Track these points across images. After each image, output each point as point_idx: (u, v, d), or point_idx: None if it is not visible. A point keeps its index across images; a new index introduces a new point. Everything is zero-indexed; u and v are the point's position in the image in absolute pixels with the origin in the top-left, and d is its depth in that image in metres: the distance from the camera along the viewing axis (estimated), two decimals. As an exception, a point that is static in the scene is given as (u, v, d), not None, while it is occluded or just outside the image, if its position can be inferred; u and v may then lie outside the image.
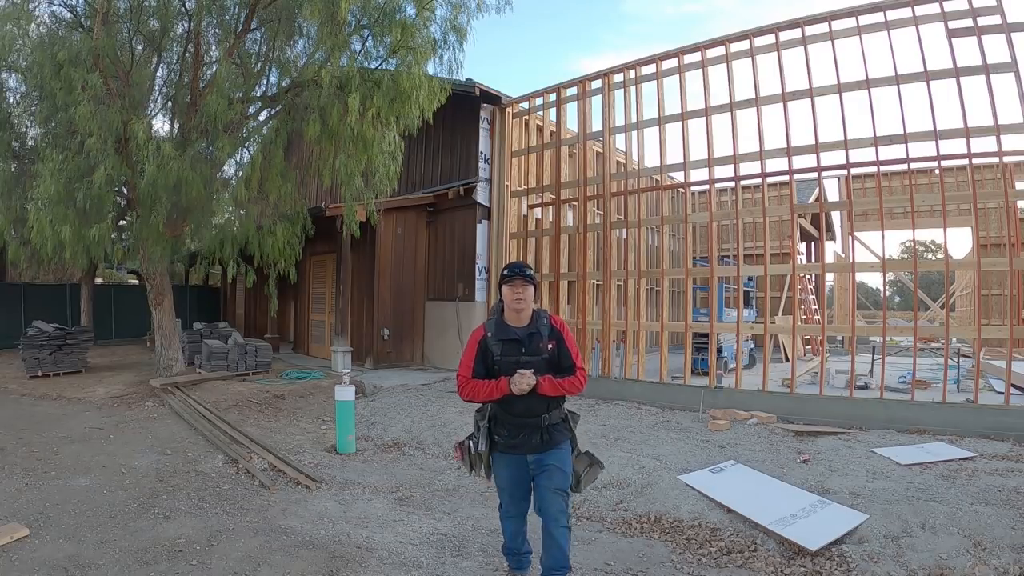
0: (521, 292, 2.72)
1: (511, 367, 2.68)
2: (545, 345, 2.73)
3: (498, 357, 2.73)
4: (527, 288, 2.73)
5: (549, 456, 2.74)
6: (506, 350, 2.73)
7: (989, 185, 11.29)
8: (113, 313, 15.68)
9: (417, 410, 7.07)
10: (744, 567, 3.29)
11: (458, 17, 8.24)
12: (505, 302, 2.78)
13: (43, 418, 6.70)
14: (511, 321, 2.77)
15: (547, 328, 2.76)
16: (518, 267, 2.77)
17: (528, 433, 2.72)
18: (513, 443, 2.75)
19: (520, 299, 2.72)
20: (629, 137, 8.52)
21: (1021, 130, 5.94)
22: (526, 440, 2.73)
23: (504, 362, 2.71)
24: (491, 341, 2.75)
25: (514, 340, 2.74)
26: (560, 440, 2.77)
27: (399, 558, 3.35)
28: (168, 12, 8.10)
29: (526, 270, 2.76)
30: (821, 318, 12.30)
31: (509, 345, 2.73)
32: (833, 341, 15.22)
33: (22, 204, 8.31)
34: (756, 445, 5.56)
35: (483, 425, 2.83)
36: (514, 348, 2.73)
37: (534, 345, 2.73)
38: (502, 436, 2.78)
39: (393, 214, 10.63)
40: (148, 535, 3.58)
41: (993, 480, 4.27)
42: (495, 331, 2.76)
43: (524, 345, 2.72)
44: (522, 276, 2.72)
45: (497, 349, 2.73)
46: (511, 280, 2.73)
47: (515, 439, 2.74)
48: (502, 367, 2.71)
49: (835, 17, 6.79)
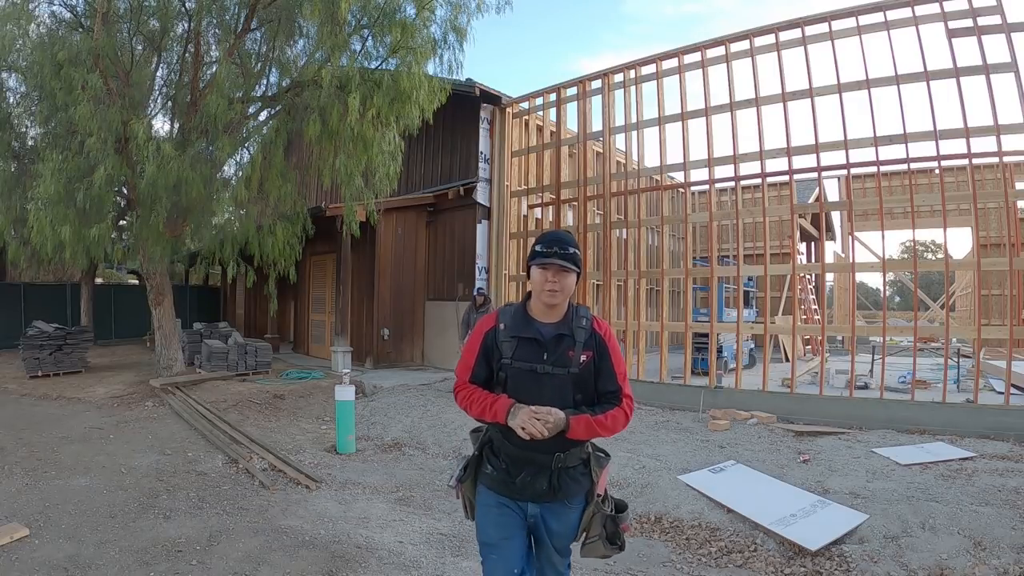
0: (557, 279, 1.87)
1: (523, 379, 1.90)
2: (577, 355, 1.90)
3: (507, 360, 1.92)
4: (567, 276, 1.88)
5: (555, 516, 1.96)
6: (521, 353, 1.92)
7: (989, 185, 11.29)
8: (113, 313, 15.68)
9: (417, 410, 7.07)
10: (744, 567, 3.29)
11: (458, 17, 8.25)
12: (533, 289, 1.95)
13: (43, 418, 6.70)
14: (537, 315, 1.96)
15: (586, 332, 1.93)
16: (559, 240, 1.88)
17: (531, 473, 1.91)
18: (508, 481, 1.94)
19: (555, 288, 1.88)
20: (629, 137, 8.52)
21: (1021, 130, 5.94)
22: (527, 483, 1.92)
23: (515, 370, 1.91)
24: (502, 336, 1.95)
25: (534, 341, 1.92)
26: (575, 491, 1.95)
27: (399, 558, 3.35)
28: (168, 12, 8.10)
29: (569, 246, 1.87)
30: (821, 318, 12.30)
31: (526, 346, 1.92)
32: (833, 341, 15.22)
33: (22, 204, 8.31)
34: (756, 445, 5.56)
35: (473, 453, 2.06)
36: (532, 352, 1.92)
37: (561, 352, 1.90)
38: (495, 467, 1.97)
39: (393, 214, 10.63)
40: (148, 535, 3.58)
41: (993, 480, 4.27)
42: (511, 324, 1.96)
43: (547, 350, 1.91)
44: (562, 256, 1.85)
45: (508, 349, 1.93)
46: (546, 259, 1.86)
47: (512, 477, 1.93)
48: (511, 376, 1.92)
49: (835, 17, 6.79)
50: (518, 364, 1.92)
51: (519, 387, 1.92)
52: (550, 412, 1.81)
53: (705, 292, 11.18)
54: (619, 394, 1.95)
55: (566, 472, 1.93)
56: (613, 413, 1.90)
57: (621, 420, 1.93)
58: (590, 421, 1.86)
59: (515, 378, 1.93)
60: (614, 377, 1.95)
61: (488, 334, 2.00)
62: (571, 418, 1.84)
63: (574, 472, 1.95)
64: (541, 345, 1.93)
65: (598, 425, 1.87)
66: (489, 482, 2.00)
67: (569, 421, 1.83)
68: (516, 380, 1.92)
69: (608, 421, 1.89)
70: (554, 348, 1.93)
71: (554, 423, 1.81)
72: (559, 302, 1.93)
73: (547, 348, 1.93)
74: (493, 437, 2.01)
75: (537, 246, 1.92)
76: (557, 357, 1.91)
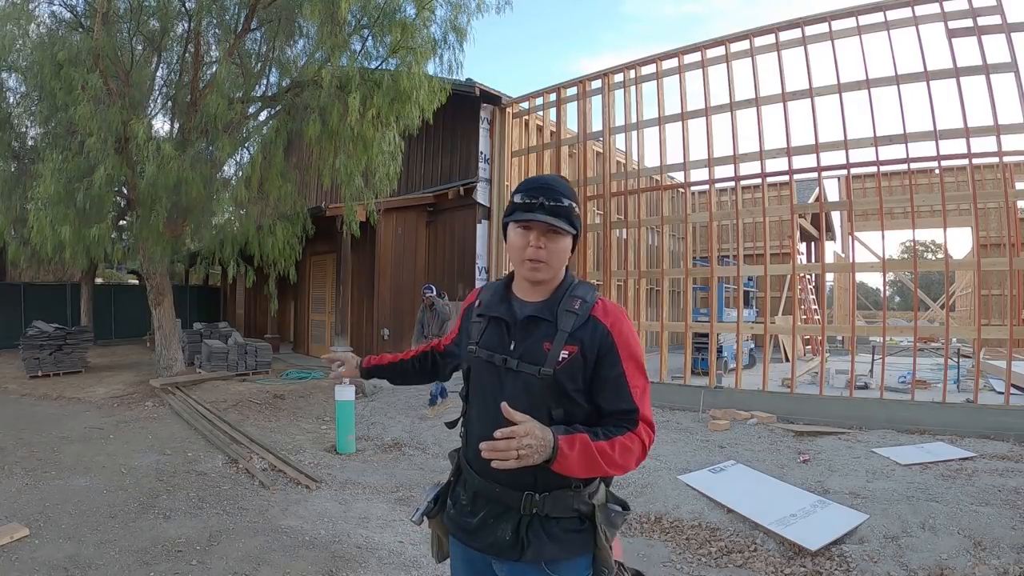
0: (542, 243, 1.32)
1: (483, 376, 1.40)
2: (555, 350, 1.30)
3: (472, 346, 1.43)
4: (558, 239, 1.33)
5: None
6: (487, 339, 1.41)
7: (989, 185, 11.28)
8: (113, 313, 15.68)
9: (417, 410, 7.07)
10: (744, 567, 3.29)
11: (458, 17, 8.26)
12: (512, 257, 1.39)
13: (43, 418, 6.70)
14: (520, 292, 1.43)
15: (576, 318, 1.32)
16: (545, 187, 1.33)
17: (492, 514, 1.34)
18: (465, 523, 1.39)
19: (539, 255, 1.33)
20: (629, 137, 8.52)
21: (1021, 130, 5.94)
22: (486, 527, 1.34)
23: (476, 360, 1.41)
24: (474, 315, 1.49)
25: (501, 322, 1.40)
26: (557, 555, 1.29)
27: (399, 558, 3.35)
28: (168, 12, 8.11)
29: (561, 196, 1.32)
30: (821, 318, 12.30)
31: (493, 330, 1.41)
32: (833, 341, 15.22)
33: (22, 204, 8.33)
34: (756, 445, 5.56)
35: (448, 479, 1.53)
36: (497, 337, 1.39)
37: (533, 343, 1.33)
38: (455, 501, 1.45)
39: (393, 214, 10.63)
40: (148, 535, 3.58)
41: (993, 480, 4.27)
42: (487, 299, 1.48)
43: (514, 337, 1.36)
44: (551, 209, 1.31)
45: (477, 331, 1.44)
46: (527, 215, 1.32)
47: (469, 518, 1.38)
48: (473, 370, 1.43)
49: (835, 17, 6.79)
50: (481, 352, 1.40)
51: (479, 389, 1.41)
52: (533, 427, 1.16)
53: (705, 292, 11.19)
54: (634, 416, 1.28)
55: (544, 523, 1.29)
56: (623, 440, 1.24)
57: (635, 452, 1.26)
58: (589, 446, 1.20)
59: (476, 373, 1.42)
60: (625, 390, 1.28)
61: (466, 311, 1.56)
62: (561, 440, 1.18)
63: (559, 525, 1.29)
64: (507, 328, 1.38)
65: (600, 454, 1.21)
66: (450, 524, 1.45)
67: (558, 445, 1.17)
68: (476, 376, 1.42)
69: (615, 451, 1.23)
70: (523, 335, 1.35)
71: (536, 444, 1.15)
72: (545, 277, 1.35)
73: (514, 333, 1.37)
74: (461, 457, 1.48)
75: (516, 195, 1.34)
76: (526, 348, 1.33)
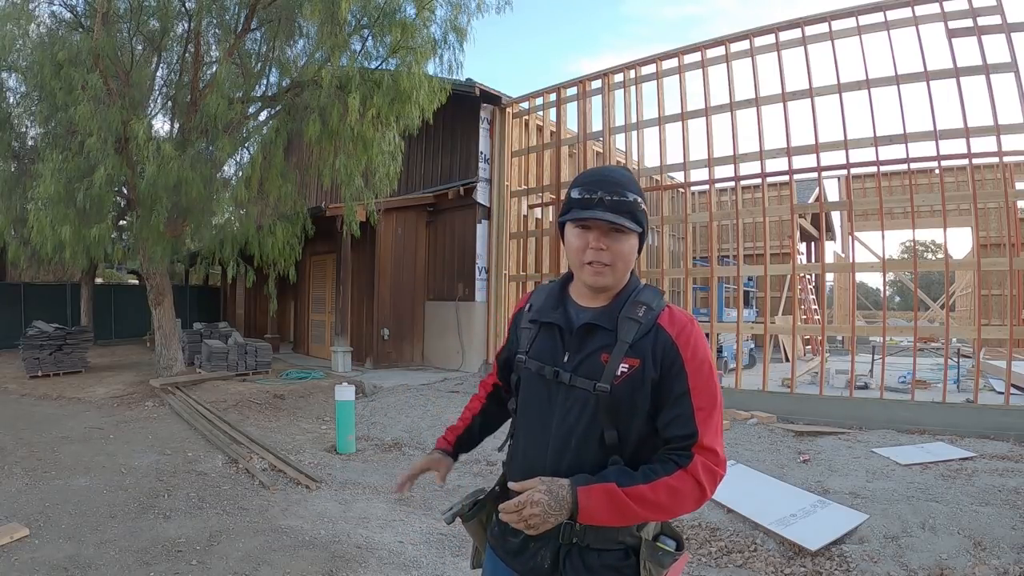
0: (605, 244, 1.18)
1: (533, 391, 1.28)
2: (614, 363, 1.17)
3: (522, 355, 1.31)
4: (622, 239, 1.19)
5: None
6: (537, 347, 1.28)
7: (989, 185, 11.28)
8: (113, 313, 15.69)
9: (417, 410, 7.07)
10: (744, 567, 3.29)
11: (458, 17, 8.26)
12: (570, 261, 1.26)
13: (43, 418, 6.70)
14: (578, 296, 1.29)
15: (640, 327, 1.19)
16: (607, 180, 1.18)
17: (533, 538, 1.21)
18: (507, 546, 1.30)
19: (601, 257, 1.19)
20: (629, 137, 8.52)
21: (1021, 130, 5.94)
22: (526, 550, 1.25)
23: (527, 372, 1.29)
24: (525, 320, 1.35)
25: (554, 328, 1.27)
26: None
27: (399, 558, 3.35)
28: (168, 12, 8.11)
29: (625, 190, 1.17)
30: (821, 318, 12.30)
31: (545, 338, 1.28)
32: (833, 341, 15.22)
33: (22, 204, 8.33)
34: (756, 445, 5.56)
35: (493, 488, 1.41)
36: (549, 346, 1.27)
37: (590, 354, 1.21)
38: (500, 522, 1.25)
39: (393, 214, 10.63)
40: (148, 535, 3.58)
41: (993, 480, 4.27)
42: (540, 304, 1.34)
43: (568, 347, 1.24)
44: (613, 206, 1.16)
45: (527, 339, 1.31)
46: (586, 212, 1.17)
47: (512, 538, 1.28)
48: (523, 382, 1.31)
49: (835, 17, 6.79)
50: (531, 364, 1.27)
51: (527, 403, 1.29)
52: (536, 494, 1.10)
53: (705, 292, 11.18)
54: (691, 444, 1.13)
55: (583, 554, 1.18)
56: (670, 481, 1.10)
57: (688, 495, 1.10)
58: (617, 495, 1.08)
59: (526, 387, 1.29)
60: (687, 413, 1.14)
61: (516, 317, 1.41)
62: (579, 491, 1.09)
63: (601, 559, 1.17)
64: (561, 336, 1.25)
65: (637, 501, 1.08)
66: (493, 541, 1.35)
67: (576, 498, 1.09)
68: (527, 390, 1.29)
69: (659, 495, 1.09)
70: (579, 345, 1.22)
71: (541, 512, 1.09)
72: (608, 283, 1.21)
73: (569, 343, 1.23)
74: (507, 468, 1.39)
75: (573, 190, 1.20)
76: (581, 360, 1.20)
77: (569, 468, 1.18)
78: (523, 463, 1.27)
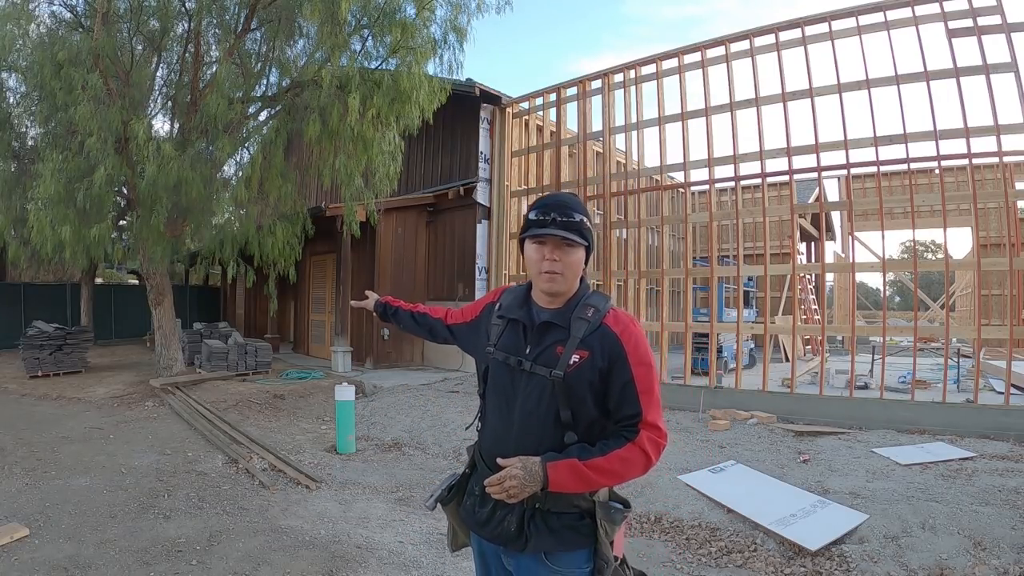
0: (557, 256, 1.41)
1: (500, 378, 1.48)
2: (567, 354, 1.38)
3: (490, 347, 1.51)
4: (571, 251, 1.41)
5: (528, 571, 1.42)
6: (504, 340, 1.50)
7: (989, 185, 11.29)
8: (113, 313, 15.69)
9: (417, 410, 7.07)
10: (744, 567, 3.29)
11: (458, 17, 8.27)
12: (529, 270, 1.49)
13: (43, 418, 6.70)
14: (537, 300, 1.50)
15: (588, 325, 1.40)
16: (559, 204, 1.42)
17: (500, 506, 1.42)
18: (475, 513, 1.49)
19: (554, 267, 1.41)
20: (629, 137, 8.52)
21: (1021, 130, 5.94)
22: (494, 518, 1.44)
23: (495, 362, 1.49)
24: (495, 316, 1.56)
25: (519, 325, 1.48)
26: (558, 547, 1.39)
27: (399, 558, 3.35)
28: (168, 12, 8.11)
29: (573, 212, 1.40)
30: (821, 318, 12.30)
31: (511, 332, 1.50)
32: (833, 341, 15.22)
33: (22, 204, 8.33)
34: (756, 445, 5.56)
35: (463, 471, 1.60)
36: (515, 339, 1.48)
37: (548, 346, 1.42)
38: (471, 496, 1.52)
39: (393, 214, 10.63)
40: (148, 535, 3.58)
41: (993, 480, 4.27)
42: (509, 302, 1.56)
43: (530, 340, 1.45)
44: (564, 224, 1.39)
45: (496, 333, 1.53)
46: (542, 230, 1.40)
47: (481, 509, 1.47)
48: (491, 370, 1.51)
49: (835, 17, 6.79)
50: (498, 354, 1.48)
51: (495, 388, 1.49)
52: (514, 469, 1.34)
53: (705, 292, 11.19)
54: (637, 421, 1.35)
55: (546, 517, 1.38)
56: (621, 453, 1.33)
57: (636, 462, 1.34)
58: (579, 467, 1.31)
59: (494, 374, 1.50)
60: (632, 396, 1.36)
61: (486, 308, 1.62)
62: (548, 467, 1.32)
63: (560, 521, 1.38)
64: (524, 332, 1.47)
65: (594, 471, 1.32)
66: (465, 515, 1.54)
67: (546, 472, 1.32)
68: (494, 377, 1.50)
69: (613, 465, 1.32)
70: (538, 339, 1.44)
71: (519, 484, 1.33)
72: (560, 289, 1.43)
73: (530, 338, 1.45)
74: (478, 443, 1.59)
75: (531, 213, 1.43)
76: (540, 352, 1.42)
77: (531, 441, 1.40)
78: (491, 438, 1.50)
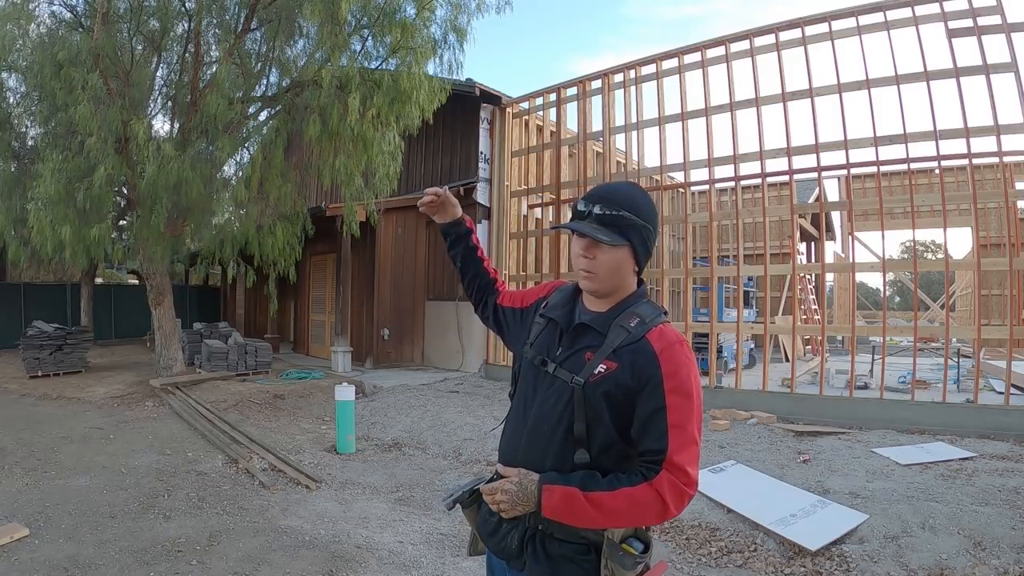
0: (590, 254, 1.26)
1: (527, 377, 1.37)
2: (594, 362, 1.24)
3: (527, 344, 1.40)
4: (605, 250, 1.24)
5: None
6: (540, 340, 1.38)
7: (989, 185, 11.27)
8: (113, 313, 15.69)
9: (417, 410, 7.07)
10: (744, 567, 3.29)
11: (458, 17, 8.27)
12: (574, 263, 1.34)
13: (43, 418, 6.70)
14: (585, 300, 1.37)
15: (626, 335, 1.24)
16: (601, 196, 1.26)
17: (503, 520, 1.31)
18: (486, 525, 1.38)
19: (587, 266, 1.27)
20: (629, 137, 8.52)
21: (1021, 130, 5.94)
22: (500, 530, 1.33)
23: (527, 361, 1.39)
24: (539, 312, 1.44)
25: (556, 325, 1.36)
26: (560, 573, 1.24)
27: (399, 558, 3.35)
28: (168, 12, 8.11)
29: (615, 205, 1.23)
30: (821, 318, 12.31)
31: (547, 331, 1.38)
32: (833, 341, 15.21)
33: (22, 204, 8.32)
34: (756, 445, 5.56)
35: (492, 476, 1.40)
36: (548, 339, 1.36)
37: (577, 351, 1.29)
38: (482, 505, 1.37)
39: (393, 214, 10.63)
40: (148, 535, 3.58)
41: (993, 480, 4.27)
42: (555, 299, 1.43)
43: (563, 342, 1.33)
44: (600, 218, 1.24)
45: (535, 331, 1.41)
46: (568, 223, 1.31)
47: (490, 518, 1.36)
48: (523, 368, 1.41)
49: (835, 17, 6.79)
50: (529, 353, 1.37)
51: (520, 388, 1.39)
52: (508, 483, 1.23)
53: (705, 292, 11.18)
54: (660, 459, 1.14)
55: (546, 541, 1.24)
56: (632, 491, 1.13)
57: (649, 507, 1.13)
58: (577, 497, 1.14)
59: (523, 375, 1.39)
60: (661, 428, 1.15)
61: (538, 301, 1.49)
62: (544, 488, 1.18)
63: (561, 549, 1.23)
64: (559, 334, 1.34)
65: (595, 506, 1.13)
66: (480, 521, 1.41)
67: (540, 495, 1.17)
68: (523, 376, 1.39)
69: (619, 503, 1.13)
70: (571, 342, 1.31)
71: (509, 500, 1.21)
72: (594, 288, 1.29)
73: (564, 339, 1.32)
74: None
75: (577, 202, 1.31)
76: (568, 355, 1.29)
77: (538, 450, 1.28)
78: (504, 442, 1.39)
